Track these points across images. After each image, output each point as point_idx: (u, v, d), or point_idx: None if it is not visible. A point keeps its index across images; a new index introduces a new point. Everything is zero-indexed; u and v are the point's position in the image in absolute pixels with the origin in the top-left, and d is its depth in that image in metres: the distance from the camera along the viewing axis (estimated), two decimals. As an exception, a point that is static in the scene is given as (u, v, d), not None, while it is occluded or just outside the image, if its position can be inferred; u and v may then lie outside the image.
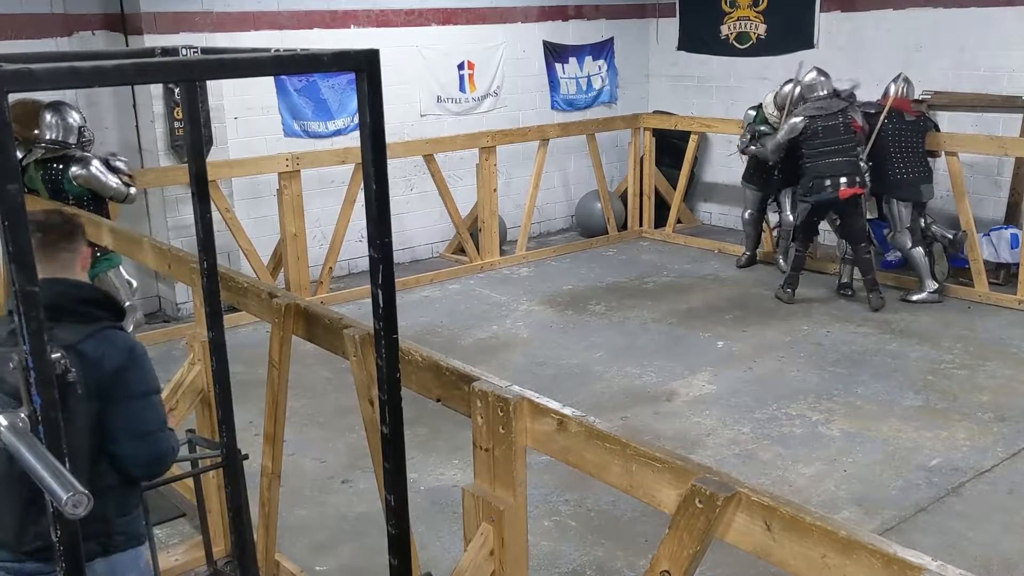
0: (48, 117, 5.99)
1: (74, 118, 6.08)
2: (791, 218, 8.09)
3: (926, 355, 6.45)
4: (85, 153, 6.02)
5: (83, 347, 2.45)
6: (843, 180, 7.18)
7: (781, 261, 8.36)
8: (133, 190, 6.15)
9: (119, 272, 6.15)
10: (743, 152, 8.38)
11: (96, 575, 2.47)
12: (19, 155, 5.78)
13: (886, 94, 7.64)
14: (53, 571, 2.39)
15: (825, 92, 7.51)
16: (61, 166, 5.92)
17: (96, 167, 5.94)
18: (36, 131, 5.98)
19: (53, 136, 5.95)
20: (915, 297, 7.50)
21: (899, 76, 7.66)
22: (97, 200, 6.01)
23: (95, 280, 5.83)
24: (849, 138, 7.32)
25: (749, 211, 8.63)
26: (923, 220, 7.63)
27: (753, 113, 8.35)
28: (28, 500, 2.36)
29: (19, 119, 5.80)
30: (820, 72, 7.64)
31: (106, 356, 2.47)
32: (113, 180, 5.98)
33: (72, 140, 5.99)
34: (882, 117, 7.42)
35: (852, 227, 7.43)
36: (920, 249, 7.46)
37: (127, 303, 6.01)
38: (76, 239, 2.68)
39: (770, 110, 8.14)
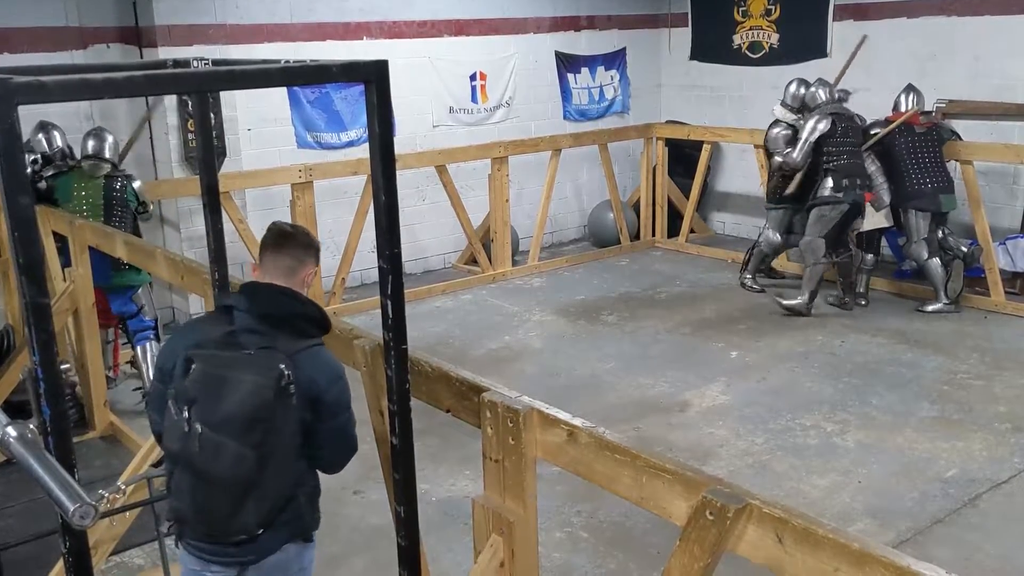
0: (89, 139, 6.18)
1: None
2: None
3: (942, 365, 6.40)
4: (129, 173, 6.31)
5: (298, 359, 2.53)
6: (860, 182, 7.27)
7: (749, 280, 8.21)
8: (151, 207, 6.45)
9: (148, 288, 6.22)
10: (778, 171, 7.73)
11: (290, 556, 2.68)
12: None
13: (896, 107, 7.60)
14: (245, 560, 2.59)
15: (827, 96, 7.53)
16: (124, 182, 6.12)
17: (140, 184, 6.29)
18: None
19: (110, 156, 6.16)
20: (930, 308, 7.45)
21: (908, 88, 7.62)
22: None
23: (135, 295, 6.07)
24: (860, 141, 7.43)
25: (775, 231, 8.00)
26: (941, 231, 7.57)
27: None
28: (241, 496, 2.49)
29: None
30: (818, 83, 7.67)
31: (316, 374, 2.57)
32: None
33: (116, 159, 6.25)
34: (887, 130, 7.42)
35: (845, 233, 7.50)
36: (936, 260, 7.40)
37: (157, 317, 6.23)
38: (311, 252, 2.75)
39: (783, 115, 7.87)
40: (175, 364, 2.55)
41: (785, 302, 7.50)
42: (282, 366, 2.46)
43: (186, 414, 2.46)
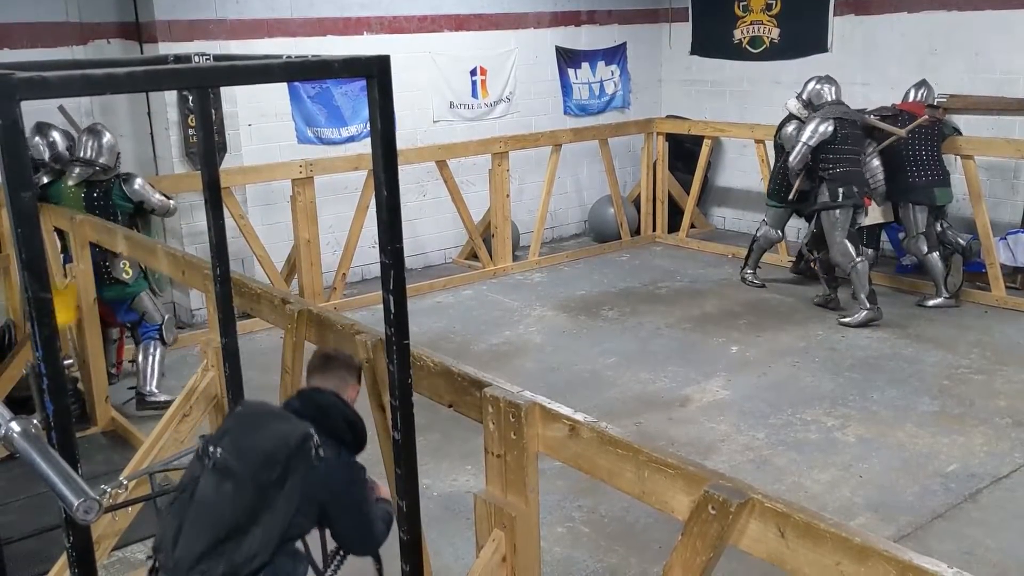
0: (85, 139, 5.99)
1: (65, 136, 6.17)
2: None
3: (942, 360, 6.40)
4: (130, 172, 6.12)
5: (324, 453, 2.58)
6: (858, 191, 7.11)
7: (750, 274, 8.15)
8: (173, 203, 6.19)
9: (149, 294, 6.18)
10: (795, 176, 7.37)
11: None
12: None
13: (905, 99, 7.58)
14: None
15: (834, 98, 7.34)
16: (110, 185, 5.91)
17: (141, 182, 6.03)
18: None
19: (105, 161, 5.95)
20: (931, 302, 7.45)
21: (921, 83, 7.59)
22: (136, 216, 6.08)
23: (135, 302, 5.96)
24: (861, 148, 7.27)
25: (775, 229, 8.01)
26: (940, 226, 7.56)
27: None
28: (220, 539, 2.43)
29: None
30: (825, 80, 7.45)
31: (331, 477, 2.61)
32: (157, 195, 6.07)
33: (112, 162, 5.98)
34: (910, 127, 7.27)
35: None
36: (936, 254, 7.39)
37: (166, 317, 6.14)
38: (353, 372, 2.91)
39: (797, 110, 7.64)
40: None
41: (850, 320, 7.05)
42: (312, 431, 2.54)
43: (211, 447, 2.52)
